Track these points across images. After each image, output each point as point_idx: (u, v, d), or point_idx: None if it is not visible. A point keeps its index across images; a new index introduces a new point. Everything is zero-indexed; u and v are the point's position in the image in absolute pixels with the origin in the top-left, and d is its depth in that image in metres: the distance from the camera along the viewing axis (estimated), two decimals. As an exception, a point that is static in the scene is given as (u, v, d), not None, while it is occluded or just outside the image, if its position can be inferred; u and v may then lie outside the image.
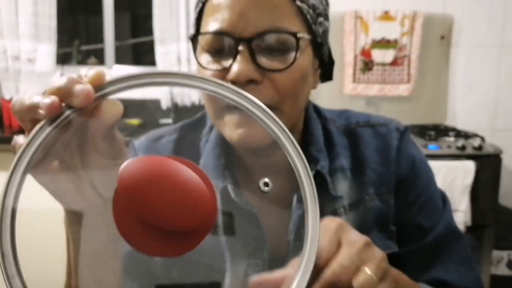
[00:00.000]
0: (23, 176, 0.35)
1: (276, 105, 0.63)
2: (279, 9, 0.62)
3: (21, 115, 0.39)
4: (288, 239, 0.70)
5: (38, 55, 2.61)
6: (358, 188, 0.74)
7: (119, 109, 0.39)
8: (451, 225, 0.77)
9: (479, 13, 2.69)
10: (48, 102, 0.35)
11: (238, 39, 0.60)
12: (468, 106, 2.76)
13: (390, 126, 0.78)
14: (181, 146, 0.77)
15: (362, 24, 2.61)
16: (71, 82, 0.36)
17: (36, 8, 2.56)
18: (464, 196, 2.22)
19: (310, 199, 0.39)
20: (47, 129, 0.36)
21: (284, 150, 0.38)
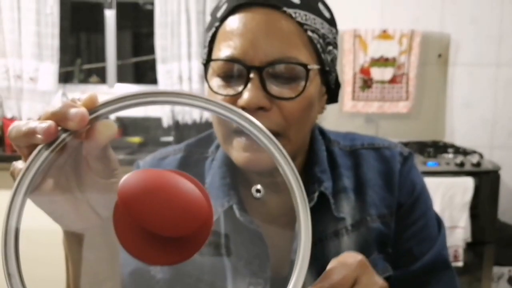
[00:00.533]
0: (24, 199, 0.36)
1: (283, 131, 0.64)
2: (290, 39, 0.63)
3: (18, 141, 0.40)
4: (291, 259, 0.70)
5: (40, 74, 2.63)
6: (360, 209, 0.75)
7: (113, 129, 0.40)
8: (441, 255, 0.77)
9: (475, 32, 2.74)
10: (45, 127, 0.37)
11: (249, 67, 0.62)
12: (466, 123, 2.79)
13: (394, 150, 0.79)
14: (186, 165, 0.78)
15: (361, 43, 2.64)
16: (65, 107, 0.37)
17: (39, 28, 2.59)
18: (464, 212, 2.23)
19: (304, 230, 0.40)
20: (44, 153, 0.37)
21: (284, 176, 0.40)
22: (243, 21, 0.63)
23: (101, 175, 0.44)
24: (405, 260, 0.76)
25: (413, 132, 2.72)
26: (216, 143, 0.79)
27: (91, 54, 3.15)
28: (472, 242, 2.29)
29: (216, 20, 0.67)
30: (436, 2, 2.72)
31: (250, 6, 0.64)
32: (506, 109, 2.79)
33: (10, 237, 0.35)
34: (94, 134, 0.39)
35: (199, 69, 2.65)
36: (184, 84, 2.65)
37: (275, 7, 0.63)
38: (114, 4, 2.79)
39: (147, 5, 3.01)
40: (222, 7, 0.67)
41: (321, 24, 0.67)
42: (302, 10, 0.65)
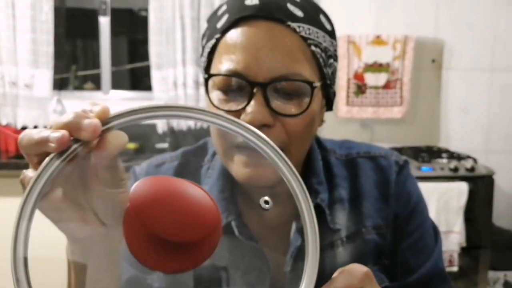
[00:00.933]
0: (34, 206, 0.36)
1: (285, 147, 0.64)
2: (294, 55, 0.62)
3: (29, 149, 0.40)
4: (284, 270, 0.70)
5: (35, 81, 2.63)
6: (356, 220, 0.74)
7: (124, 140, 0.40)
8: (438, 267, 0.77)
9: (469, 37, 2.75)
10: (58, 136, 0.37)
11: (253, 82, 0.61)
12: (460, 128, 2.80)
13: (390, 159, 0.79)
14: (182, 173, 0.77)
15: (355, 48, 2.65)
16: (78, 117, 0.38)
17: (34, 35, 2.60)
18: (458, 217, 2.24)
19: (312, 245, 0.40)
20: (56, 162, 0.37)
21: (291, 188, 0.40)
22: (247, 35, 0.62)
23: (108, 185, 0.44)
24: (402, 272, 0.76)
25: (407, 137, 2.72)
26: (212, 152, 0.78)
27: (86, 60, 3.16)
28: (467, 247, 2.29)
29: (216, 31, 0.66)
30: (430, 8, 2.73)
31: (254, 19, 0.63)
32: (500, 114, 2.80)
33: (20, 245, 0.35)
34: (104, 144, 0.39)
35: (194, 75, 2.66)
36: (179, 90, 2.66)
37: (279, 20, 0.63)
38: (108, 11, 2.80)
39: (142, 11, 3.02)
40: (222, 17, 0.66)
41: (323, 38, 0.66)
42: (306, 23, 0.64)
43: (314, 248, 0.39)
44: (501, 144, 2.81)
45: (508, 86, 2.79)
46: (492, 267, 2.41)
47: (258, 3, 0.63)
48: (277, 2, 0.64)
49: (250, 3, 0.64)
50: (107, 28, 2.81)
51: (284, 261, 0.71)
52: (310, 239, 0.39)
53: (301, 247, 0.69)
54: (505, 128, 2.81)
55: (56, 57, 2.69)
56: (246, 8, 0.63)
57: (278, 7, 0.63)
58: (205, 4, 2.62)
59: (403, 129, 2.75)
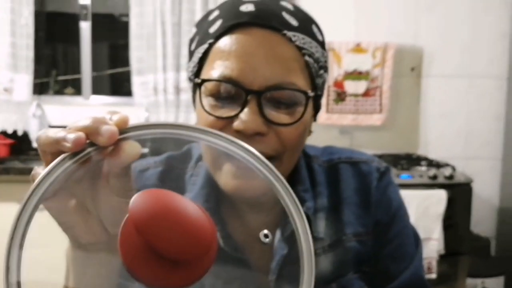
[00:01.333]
0: (38, 203, 0.36)
1: (278, 156, 0.64)
2: (289, 64, 0.62)
3: (44, 147, 0.40)
4: (269, 279, 0.70)
5: (15, 85, 2.62)
6: (337, 228, 0.74)
7: (137, 150, 0.40)
8: (418, 274, 0.77)
9: (448, 45, 2.78)
10: (74, 136, 0.37)
11: (248, 90, 0.61)
12: (439, 136, 2.82)
13: (371, 165, 0.79)
14: (166, 179, 0.77)
15: (335, 56, 2.67)
16: (97, 122, 0.38)
17: (14, 39, 2.58)
18: (437, 224, 2.25)
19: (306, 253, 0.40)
20: (67, 163, 0.37)
21: (281, 200, 0.40)
22: (243, 42, 0.62)
23: (117, 193, 0.44)
24: (382, 279, 0.76)
25: (387, 144, 2.74)
26: (196, 158, 0.78)
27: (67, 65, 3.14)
28: (445, 254, 2.30)
29: (209, 36, 0.65)
30: (409, 16, 2.76)
31: (249, 26, 0.63)
32: (478, 122, 2.83)
33: (17, 238, 0.35)
34: (119, 152, 0.39)
35: (174, 81, 2.66)
36: (159, 95, 2.65)
37: (275, 29, 0.62)
38: (89, 16, 2.79)
39: (123, 17, 3.02)
40: (215, 22, 0.65)
41: (315, 48, 0.66)
42: (300, 33, 0.64)
43: (309, 256, 0.40)
44: (480, 151, 2.84)
45: (485, 93, 2.82)
46: (470, 274, 2.42)
47: (254, 10, 0.63)
48: (273, 10, 0.64)
49: (245, 9, 0.63)
50: (88, 33, 2.80)
51: (267, 270, 0.71)
52: (304, 247, 0.40)
53: (287, 256, 0.69)
54: (483, 136, 2.83)
55: (36, 61, 2.68)
56: (242, 15, 0.63)
57: (274, 15, 0.63)
58: (186, 10, 2.63)
59: (382, 136, 2.77)
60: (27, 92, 2.63)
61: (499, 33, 2.78)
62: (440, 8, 2.76)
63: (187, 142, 0.80)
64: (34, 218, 0.36)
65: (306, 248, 0.39)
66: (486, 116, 2.83)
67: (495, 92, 2.82)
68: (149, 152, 2.40)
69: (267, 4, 0.64)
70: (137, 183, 0.76)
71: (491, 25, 2.78)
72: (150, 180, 0.77)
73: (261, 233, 0.41)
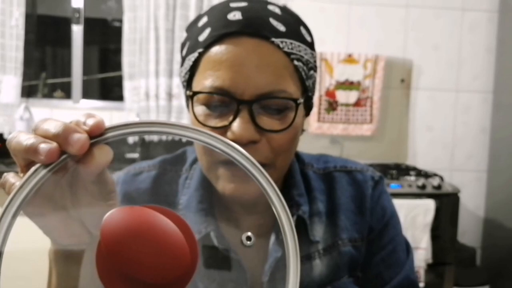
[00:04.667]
0: (14, 216, 0.35)
1: (271, 162, 0.65)
2: (279, 71, 0.63)
3: (16, 153, 0.39)
4: (262, 281, 0.70)
5: (2, 87, 2.57)
6: (333, 233, 0.75)
7: (109, 155, 0.39)
8: (409, 278, 0.78)
9: (436, 58, 2.84)
10: (47, 148, 0.36)
11: (239, 100, 0.62)
12: (427, 147, 2.87)
13: (366, 174, 0.80)
14: (160, 182, 0.77)
15: (327, 66, 2.70)
16: (68, 131, 0.37)
17: (3, 40, 2.54)
18: (425, 233, 2.28)
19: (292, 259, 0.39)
20: (41, 172, 0.36)
21: (272, 205, 0.39)
22: (233, 52, 0.63)
23: (97, 197, 0.44)
24: (375, 284, 0.77)
25: (376, 154, 2.78)
26: (190, 161, 0.78)
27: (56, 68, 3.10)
28: (432, 263, 2.33)
29: (198, 45, 0.66)
30: (399, 29, 2.82)
31: (239, 35, 0.63)
32: (464, 134, 2.89)
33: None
34: (89, 159, 0.38)
35: (167, 87, 2.65)
36: (151, 101, 2.64)
37: (263, 37, 0.63)
38: (82, 20, 2.77)
39: (115, 22, 3.00)
40: (204, 30, 0.66)
41: (304, 50, 0.67)
42: (288, 38, 0.65)
43: (295, 261, 0.38)
44: (466, 163, 2.90)
45: (471, 106, 2.88)
46: (456, 284, 2.45)
47: (242, 18, 0.63)
48: (260, 17, 0.64)
49: (233, 18, 0.64)
50: (80, 37, 2.77)
51: (261, 272, 0.71)
52: (290, 252, 0.38)
53: (280, 258, 0.70)
54: (469, 148, 2.89)
55: (25, 63, 2.64)
56: (230, 24, 0.63)
57: (261, 22, 0.64)
58: (180, 16, 2.63)
59: (372, 146, 2.80)
60: (15, 94, 2.59)
61: (485, 48, 2.86)
62: (429, 23, 2.82)
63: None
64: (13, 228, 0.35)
65: (293, 254, 0.38)
66: (472, 129, 2.89)
67: (480, 106, 2.89)
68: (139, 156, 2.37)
69: (255, 11, 0.65)
70: (131, 187, 0.76)
71: (477, 40, 2.86)
72: (143, 183, 0.77)
73: (243, 235, 0.41)
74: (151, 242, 0.34)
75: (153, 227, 0.35)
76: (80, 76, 2.80)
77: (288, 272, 0.38)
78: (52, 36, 3.12)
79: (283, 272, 0.68)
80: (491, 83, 2.86)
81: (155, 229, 0.35)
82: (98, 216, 0.42)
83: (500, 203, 2.74)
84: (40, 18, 2.97)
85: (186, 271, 0.35)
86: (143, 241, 0.34)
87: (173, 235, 0.35)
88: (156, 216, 0.35)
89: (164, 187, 0.77)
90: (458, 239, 2.53)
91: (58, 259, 0.51)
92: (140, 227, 0.34)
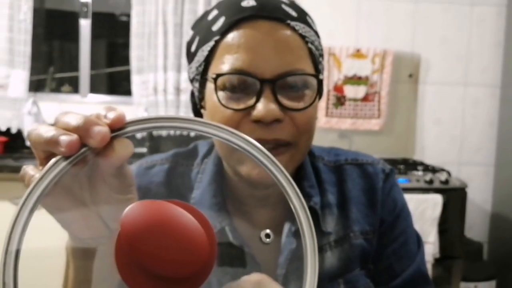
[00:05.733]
0: (33, 209, 0.35)
1: (294, 141, 0.65)
2: (296, 51, 0.64)
3: (35, 145, 0.40)
4: (277, 273, 0.71)
5: (11, 81, 2.57)
6: (344, 225, 0.75)
7: (129, 148, 0.39)
8: (420, 270, 0.78)
9: (444, 52, 2.84)
10: (68, 140, 0.36)
11: (262, 80, 0.62)
12: (435, 141, 2.87)
13: (377, 167, 0.80)
14: (172, 176, 0.77)
15: (335, 60, 2.70)
16: (89, 123, 0.37)
17: (12, 34, 2.54)
18: (433, 228, 2.29)
19: (310, 247, 0.39)
20: (62, 164, 0.36)
21: (285, 193, 0.39)
22: (249, 35, 0.64)
23: (115, 191, 0.44)
24: (386, 276, 0.77)
25: (384, 149, 2.78)
26: (201, 156, 0.78)
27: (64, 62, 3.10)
28: (440, 257, 2.34)
29: (213, 34, 0.66)
30: (408, 24, 2.81)
31: (253, 19, 0.64)
32: (472, 128, 2.89)
33: (13, 244, 0.34)
34: (110, 152, 0.38)
35: (175, 81, 2.65)
36: (159, 95, 2.64)
37: (278, 19, 0.64)
38: (89, 14, 2.76)
39: (123, 16, 3.00)
40: (218, 20, 0.66)
41: (314, 37, 0.69)
42: (300, 22, 0.66)
43: (313, 251, 0.39)
44: (473, 157, 2.90)
45: (479, 100, 2.89)
46: (464, 278, 2.47)
47: (255, 4, 0.65)
48: (273, 2, 0.66)
49: (247, 4, 0.65)
50: (88, 31, 2.77)
51: (274, 264, 0.71)
52: (308, 242, 0.39)
53: (295, 250, 0.70)
54: (477, 142, 2.90)
55: (33, 58, 2.64)
56: (244, 10, 0.65)
57: (275, 7, 0.65)
58: (188, 10, 2.62)
59: (380, 141, 2.81)
60: (23, 88, 2.59)
61: (493, 42, 2.86)
62: (437, 17, 2.82)
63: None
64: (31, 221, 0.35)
65: (310, 244, 0.39)
66: (479, 123, 2.89)
67: (488, 100, 2.89)
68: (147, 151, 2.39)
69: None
70: (143, 180, 0.76)
71: (485, 34, 2.85)
72: (156, 177, 0.77)
73: (262, 233, 0.41)
74: (172, 236, 0.34)
75: (174, 221, 0.35)
76: (88, 70, 2.80)
77: (305, 262, 0.38)
78: (60, 31, 3.11)
79: (297, 264, 0.70)
80: (499, 77, 2.86)
81: (176, 224, 0.35)
82: (116, 209, 0.43)
83: (507, 197, 2.75)
84: (48, 12, 2.96)
85: (205, 265, 0.36)
86: (163, 235, 0.34)
87: (194, 230, 0.35)
88: (177, 210, 0.36)
89: (177, 181, 0.77)
90: (466, 234, 2.54)
91: (75, 253, 0.51)
92: (161, 221, 0.35)
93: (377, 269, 0.77)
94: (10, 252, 0.34)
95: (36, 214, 0.36)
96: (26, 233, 0.35)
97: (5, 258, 0.34)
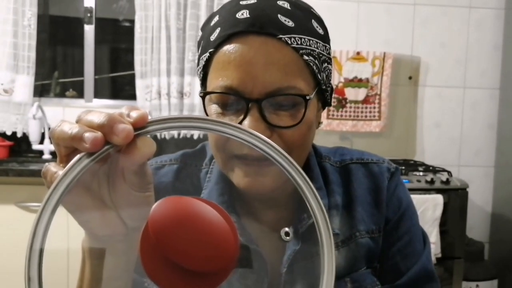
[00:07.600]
0: (56, 204, 0.36)
1: None
2: (287, 68, 0.63)
3: (59, 142, 0.40)
4: (280, 272, 0.72)
5: (16, 86, 2.60)
6: (350, 225, 0.76)
7: (152, 147, 0.40)
8: (426, 268, 0.79)
9: (444, 55, 2.87)
10: (93, 137, 0.37)
11: (248, 99, 0.62)
12: (435, 143, 2.90)
13: (382, 166, 0.81)
14: (182, 176, 0.78)
15: (336, 63, 2.73)
16: (113, 120, 0.38)
17: (16, 40, 2.57)
18: (434, 228, 2.30)
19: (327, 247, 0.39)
20: (85, 161, 0.37)
21: (301, 192, 0.39)
22: (240, 51, 0.63)
23: (135, 188, 0.45)
24: (392, 275, 0.78)
25: (385, 150, 2.80)
26: (210, 155, 0.79)
27: (68, 68, 3.12)
28: (441, 258, 2.34)
29: (209, 45, 0.67)
30: (407, 27, 2.84)
31: (246, 34, 0.63)
32: (472, 129, 2.91)
33: (37, 240, 0.35)
34: (133, 150, 0.38)
35: (178, 85, 2.67)
36: (163, 99, 2.66)
37: (270, 34, 0.63)
38: (93, 20, 2.80)
39: (126, 22, 3.03)
40: (215, 30, 0.67)
41: (315, 44, 0.67)
42: (297, 34, 0.65)
43: (330, 250, 0.39)
44: (473, 159, 2.92)
45: (478, 103, 2.91)
46: (465, 278, 2.48)
47: (249, 16, 0.64)
48: (268, 14, 0.64)
49: (241, 16, 0.64)
50: (92, 37, 2.80)
51: (278, 262, 0.72)
52: (324, 241, 0.38)
53: (298, 251, 0.71)
54: (476, 143, 2.92)
55: (38, 63, 2.66)
56: (238, 23, 0.64)
57: (269, 20, 0.64)
58: (190, 15, 2.66)
59: (380, 142, 2.83)
60: (28, 93, 2.61)
61: (492, 45, 2.89)
62: (436, 21, 2.85)
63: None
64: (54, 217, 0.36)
65: (326, 239, 0.38)
66: (479, 125, 2.92)
67: (487, 102, 2.91)
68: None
69: (262, 9, 0.65)
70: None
71: (484, 37, 2.88)
72: (165, 177, 0.78)
73: (282, 231, 0.41)
74: (200, 231, 0.35)
75: (202, 217, 0.36)
76: (92, 75, 2.82)
77: (322, 262, 0.38)
78: (64, 36, 3.14)
79: (300, 265, 0.71)
80: (498, 79, 2.89)
81: (204, 219, 0.35)
82: (133, 207, 0.45)
83: (507, 198, 2.77)
84: (52, 18, 2.99)
85: (230, 261, 0.36)
86: (192, 230, 0.35)
87: (220, 225, 0.36)
88: (204, 206, 0.36)
89: (186, 181, 0.78)
90: (467, 234, 2.55)
91: (92, 250, 0.51)
92: (189, 216, 0.35)
93: (383, 268, 0.78)
94: (35, 249, 0.35)
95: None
96: (50, 228, 0.35)
97: (30, 254, 0.34)
